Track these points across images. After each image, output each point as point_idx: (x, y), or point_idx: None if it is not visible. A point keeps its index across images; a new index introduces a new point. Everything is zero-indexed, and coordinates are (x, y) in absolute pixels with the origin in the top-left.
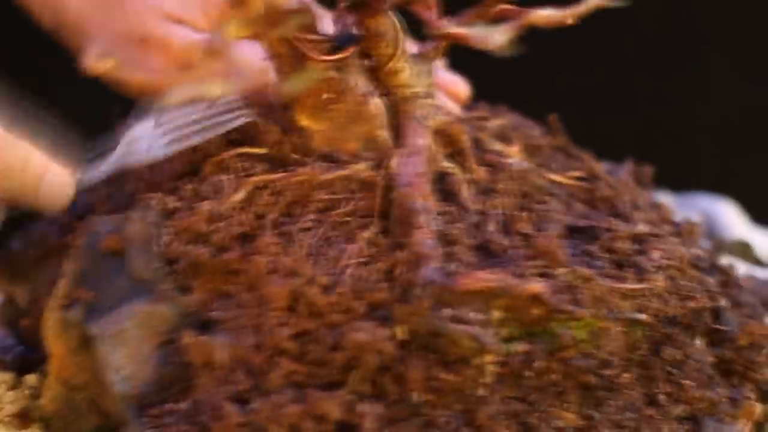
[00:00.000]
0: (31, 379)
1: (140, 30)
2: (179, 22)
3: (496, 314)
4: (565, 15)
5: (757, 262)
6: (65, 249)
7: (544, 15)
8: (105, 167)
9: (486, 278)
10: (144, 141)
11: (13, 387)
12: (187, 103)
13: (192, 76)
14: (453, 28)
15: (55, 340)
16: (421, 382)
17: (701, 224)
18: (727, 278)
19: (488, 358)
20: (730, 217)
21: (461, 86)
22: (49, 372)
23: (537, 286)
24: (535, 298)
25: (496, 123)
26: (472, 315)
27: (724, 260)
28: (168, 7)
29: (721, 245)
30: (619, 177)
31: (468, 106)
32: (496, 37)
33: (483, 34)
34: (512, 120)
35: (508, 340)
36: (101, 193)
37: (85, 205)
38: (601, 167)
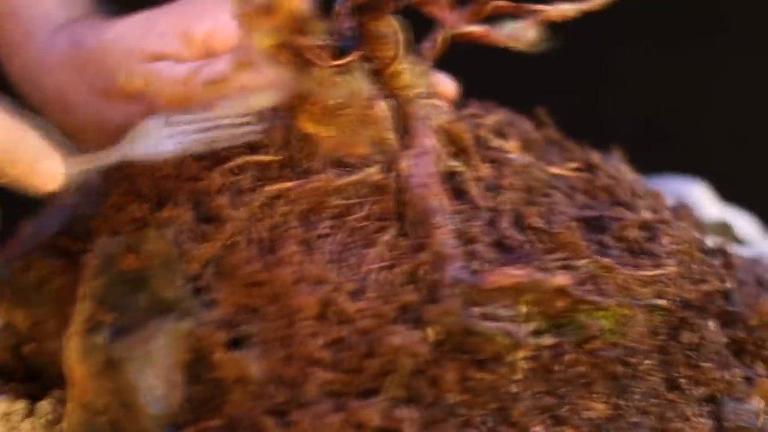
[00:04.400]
0: (44, 406)
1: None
2: (162, 58)
3: (524, 309)
4: (577, 9)
5: (737, 241)
6: (67, 272)
7: (561, 10)
8: (107, 157)
9: (514, 274)
10: (151, 137)
11: (28, 415)
12: (203, 108)
13: (224, 88)
14: (472, 26)
15: (77, 365)
16: (456, 383)
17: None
18: (727, 260)
19: (520, 353)
20: (702, 199)
21: (450, 85)
22: (69, 398)
23: (563, 278)
24: (560, 291)
25: (490, 119)
26: (502, 311)
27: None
28: (147, 47)
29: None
30: (614, 165)
31: (458, 103)
32: (526, 34)
33: (510, 32)
34: (504, 116)
35: (537, 334)
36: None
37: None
38: (597, 157)
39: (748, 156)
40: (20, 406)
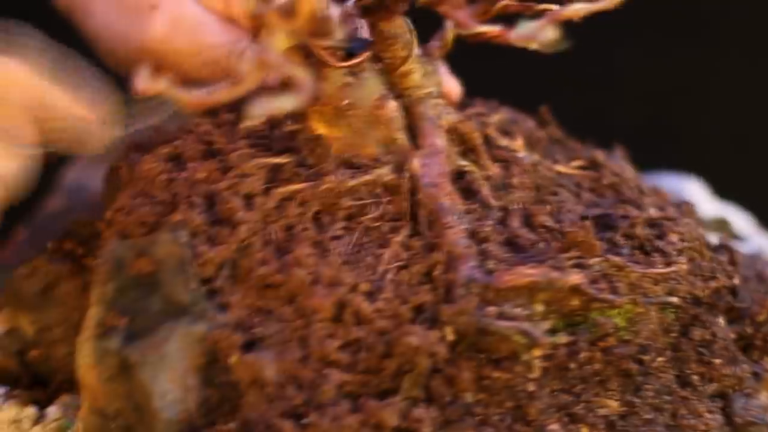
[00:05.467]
0: (53, 411)
1: None
2: None
3: (539, 308)
4: (589, 9)
5: (734, 237)
6: (73, 276)
7: (573, 10)
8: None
9: (529, 273)
10: None
11: (37, 422)
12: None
13: (244, 90)
14: (486, 26)
15: (90, 370)
16: (472, 382)
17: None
18: (732, 256)
19: (536, 352)
20: (697, 195)
21: (453, 85)
22: (82, 403)
23: (577, 277)
24: (575, 289)
25: (495, 118)
26: (517, 310)
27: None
28: None
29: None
30: (617, 163)
31: (463, 102)
32: (545, 34)
33: (527, 32)
34: (508, 114)
35: (552, 332)
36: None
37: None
38: (602, 155)
39: (741, 152)
40: (29, 412)
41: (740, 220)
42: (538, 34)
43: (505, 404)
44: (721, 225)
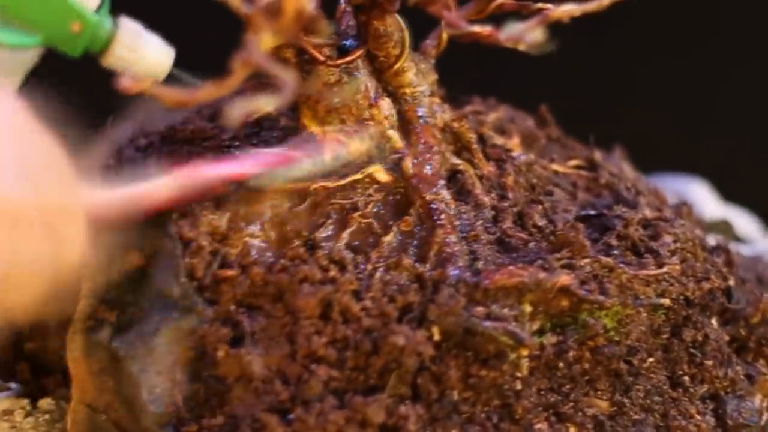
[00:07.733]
0: (45, 403)
1: None
2: None
3: (527, 308)
4: (581, 9)
5: (738, 239)
6: None
7: (566, 10)
8: None
9: (517, 273)
10: None
11: (30, 413)
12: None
13: (228, 89)
14: (476, 26)
15: (79, 363)
16: (459, 380)
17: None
18: (729, 257)
19: (523, 352)
20: (703, 197)
21: None
22: (71, 396)
23: (565, 278)
24: (563, 290)
25: (492, 116)
26: (505, 311)
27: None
28: None
29: (703, 225)
30: (616, 163)
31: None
32: (532, 35)
33: (515, 33)
34: (506, 112)
35: (539, 332)
36: None
37: None
38: (599, 155)
39: (749, 155)
40: (22, 403)
41: (746, 223)
42: (525, 35)
43: (492, 402)
44: (725, 227)
